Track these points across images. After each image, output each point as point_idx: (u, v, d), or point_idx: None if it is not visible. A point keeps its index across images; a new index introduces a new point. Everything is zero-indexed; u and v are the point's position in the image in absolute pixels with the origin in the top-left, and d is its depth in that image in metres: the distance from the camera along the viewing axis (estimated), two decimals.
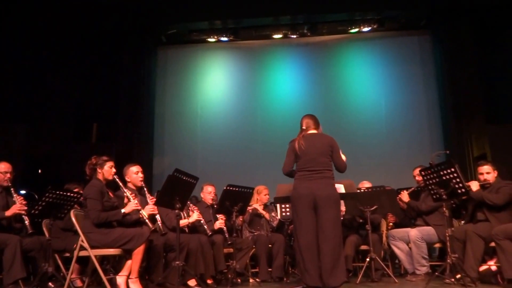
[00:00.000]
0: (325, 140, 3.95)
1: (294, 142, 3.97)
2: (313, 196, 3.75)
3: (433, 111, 8.42)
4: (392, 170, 7.85)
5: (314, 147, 3.88)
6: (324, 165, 3.86)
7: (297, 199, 3.83)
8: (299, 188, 3.85)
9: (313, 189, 3.77)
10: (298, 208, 3.82)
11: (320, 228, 3.74)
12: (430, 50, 8.68)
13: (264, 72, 9.02)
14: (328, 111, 8.46)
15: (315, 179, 3.81)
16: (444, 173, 4.12)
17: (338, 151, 3.97)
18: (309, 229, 3.76)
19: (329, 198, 3.77)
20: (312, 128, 4.04)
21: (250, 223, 5.57)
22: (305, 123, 4.07)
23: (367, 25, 8.49)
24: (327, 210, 3.75)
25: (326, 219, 3.73)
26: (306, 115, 4.13)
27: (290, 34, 8.75)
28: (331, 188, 3.85)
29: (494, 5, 7.86)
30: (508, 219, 4.30)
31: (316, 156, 3.86)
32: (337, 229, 3.79)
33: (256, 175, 7.90)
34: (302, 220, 3.79)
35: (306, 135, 3.97)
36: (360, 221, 5.26)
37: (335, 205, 3.81)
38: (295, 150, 3.93)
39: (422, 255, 4.70)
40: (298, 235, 3.80)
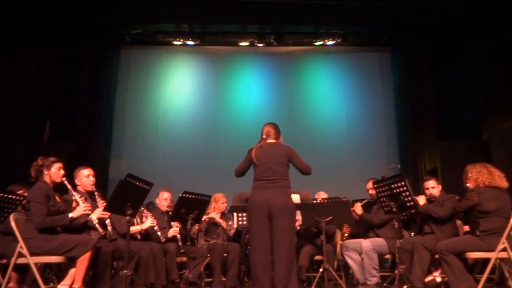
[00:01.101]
0: (282, 150, 3.98)
1: (252, 151, 3.99)
2: (268, 206, 3.76)
3: (390, 125, 8.68)
4: (350, 182, 7.97)
5: (270, 157, 3.90)
6: (280, 175, 3.88)
7: (252, 208, 3.84)
8: (254, 197, 3.86)
9: (268, 198, 3.78)
10: (253, 217, 3.82)
11: (274, 237, 3.75)
12: (390, 67, 8.97)
13: (229, 79, 9.02)
14: (291, 121, 8.56)
15: (271, 188, 3.82)
16: (395, 186, 4.24)
17: (298, 157, 3.99)
18: (263, 239, 3.76)
19: (284, 208, 3.78)
20: (272, 138, 4.06)
21: (207, 231, 5.50)
22: (265, 131, 4.08)
23: (332, 39, 8.67)
24: (282, 219, 3.76)
25: (280, 229, 3.74)
26: (267, 123, 4.16)
27: (256, 42, 8.81)
28: (287, 198, 3.86)
29: (450, 27, 8.21)
30: (451, 231, 4.47)
31: (273, 165, 3.88)
32: (291, 239, 3.80)
33: (217, 183, 7.82)
34: (256, 229, 3.78)
35: (264, 145, 3.99)
36: (315, 231, 5.32)
37: (290, 215, 3.82)
38: (251, 159, 3.95)
39: (373, 265, 4.80)
40: (252, 244, 3.80)
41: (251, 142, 4.18)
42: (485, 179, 4.10)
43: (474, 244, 4.01)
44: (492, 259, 3.95)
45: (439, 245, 4.09)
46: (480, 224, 4.02)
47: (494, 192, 4.04)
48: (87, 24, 7.96)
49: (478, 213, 4.05)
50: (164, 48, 8.94)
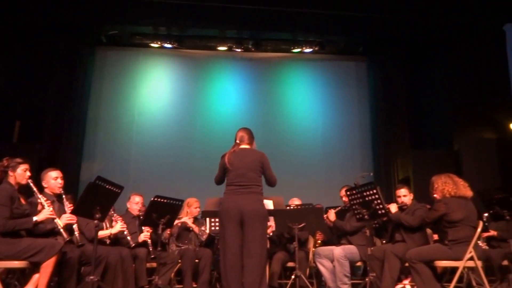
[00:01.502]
0: (256, 156, 3.97)
1: (225, 156, 3.96)
2: (240, 211, 3.74)
3: (365, 133, 8.78)
4: (325, 189, 8.04)
5: (244, 162, 3.89)
6: (253, 180, 3.87)
7: (224, 213, 3.81)
8: (226, 202, 3.84)
9: (240, 204, 3.76)
10: (224, 223, 3.80)
11: (245, 243, 3.73)
12: (365, 76, 9.09)
13: (206, 83, 8.96)
14: (267, 127, 8.56)
15: (243, 194, 3.81)
16: (367, 194, 4.28)
17: (269, 167, 4.00)
18: (235, 244, 3.73)
19: (256, 214, 3.77)
20: (246, 143, 4.05)
21: (178, 236, 5.44)
22: (239, 136, 4.09)
23: (309, 47, 8.73)
24: (253, 226, 3.74)
25: (252, 235, 3.72)
26: (241, 128, 4.16)
27: (235, 47, 8.79)
28: (259, 204, 3.85)
29: (423, 39, 8.38)
30: (422, 240, 4.54)
31: (246, 171, 3.87)
32: (262, 245, 3.79)
33: (191, 187, 7.76)
34: (228, 235, 3.76)
35: (237, 150, 3.98)
36: (288, 238, 5.32)
37: (261, 221, 3.81)
38: (225, 165, 3.92)
39: (344, 273, 4.81)
40: (223, 250, 3.77)
41: (227, 147, 4.16)
42: (451, 189, 4.18)
43: (442, 252, 4.07)
44: (460, 268, 4.02)
45: (408, 253, 4.14)
46: (448, 233, 4.09)
47: (460, 202, 4.12)
48: (62, 22, 7.75)
49: (446, 223, 4.13)
50: (141, 50, 8.82)
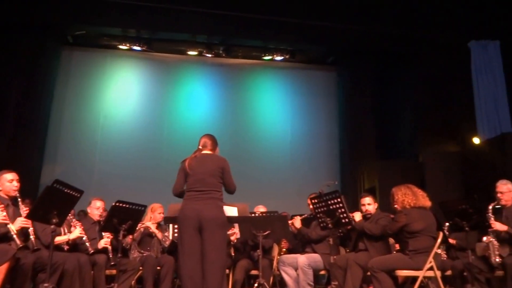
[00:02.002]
0: (217, 161, 3.91)
1: (185, 161, 3.89)
2: (199, 218, 3.66)
3: (333, 143, 8.89)
4: (292, 196, 8.04)
5: (204, 168, 3.83)
6: (212, 186, 3.80)
7: (182, 219, 3.72)
8: (185, 208, 3.75)
9: (199, 210, 3.68)
10: (182, 229, 3.71)
11: (204, 250, 3.64)
12: (334, 86, 9.22)
13: (175, 88, 8.88)
14: (236, 134, 8.54)
15: (202, 200, 3.74)
16: (331, 202, 4.29)
17: (229, 173, 3.93)
18: (193, 251, 3.65)
19: (215, 220, 3.69)
20: (208, 149, 3.99)
21: (141, 242, 5.28)
22: (202, 142, 4.02)
23: (280, 55, 8.80)
24: (212, 232, 3.66)
25: (210, 242, 3.65)
26: (205, 134, 4.10)
27: (205, 52, 8.76)
28: (218, 210, 3.77)
29: (392, 51, 8.60)
30: (384, 249, 4.58)
31: (205, 176, 3.80)
32: (221, 252, 3.71)
33: (157, 193, 7.59)
34: (186, 242, 3.67)
35: (198, 156, 3.92)
36: (252, 245, 5.27)
37: (221, 227, 3.74)
38: (185, 170, 3.85)
39: (308, 281, 4.80)
40: (181, 257, 3.67)
41: None
42: (411, 200, 4.24)
43: (403, 262, 4.11)
44: (420, 277, 4.07)
45: (370, 262, 4.16)
46: (409, 243, 4.15)
47: (420, 212, 4.19)
48: (26, 20, 7.54)
49: (407, 233, 4.18)
50: (109, 52, 8.67)
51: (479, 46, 8.17)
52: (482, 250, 4.63)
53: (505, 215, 4.53)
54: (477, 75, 8.05)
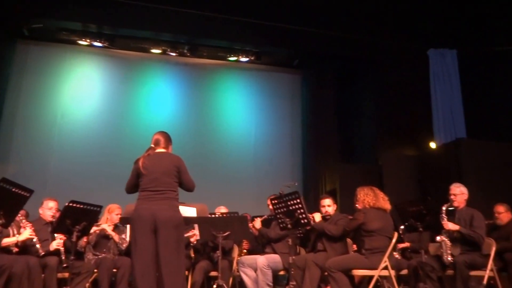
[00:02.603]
0: (171, 160, 3.80)
1: (138, 161, 3.79)
2: (153, 218, 3.56)
3: (296, 145, 8.96)
4: (255, 198, 8.04)
5: (158, 167, 3.71)
6: (167, 186, 3.70)
7: (136, 220, 3.60)
8: (139, 209, 3.63)
9: (153, 211, 3.57)
10: (136, 230, 3.59)
11: (160, 252, 3.54)
12: (299, 89, 9.31)
13: (137, 86, 8.70)
14: (200, 134, 8.47)
15: (157, 200, 3.63)
16: (291, 203, 4.31)
17: (186, 171, 3.83)
18: (147, 253, 3.54)
19: (170, 221, 3.59)
20: (161, 146, 3.87)
21: (96, 244, 5.12)
22: (154, 140, 3.90)
23: (245, 56, 8.77)
24: (168, 233, 3.56)
25: (166, 243, 3.55)
26: (158, 131, 3.98)
27: (169, 51, 8.61)
28: (174, 210, 3.67)
29: (354, 57, 8.75)
30: (342, 249, 4.66)
31: (160, 176, 3.69)
32: (178, 253, 3.61)
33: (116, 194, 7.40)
34: (140, 243, 3.55)
35: (152, 154, 3.81)
36: (212, 246, 5.23)
37: (176, 228, 3.63)
38: (138, 170, 3.75)
39: (267, 282, 4.82)
40: (135, 258, 3.55)
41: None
42: (371, 200, 4.36)
43: (359, 262, 4.19)
44: (375, 277, 4.15)
45: (328, 262, 4.21)
46: (365, 242, 4.24)
47: (378, 213, 4.30)
48: None
49: (364, 232, 4.28)
50: (68, 47, 8.37)
51: (437, 54, 8.46)
52: (435, 250, 4.79)
53: (457, 217, 4.70)
54: (434, 82, 8.33)
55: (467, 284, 4.41)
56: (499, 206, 5.48)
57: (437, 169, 7.22)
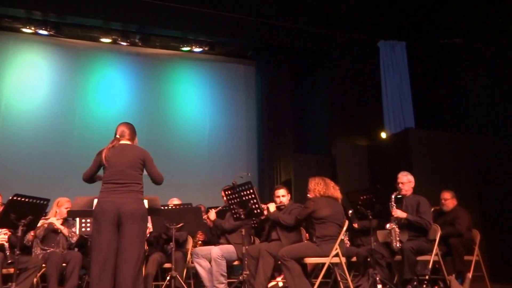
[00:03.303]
0: (137, 152, 3.74)
1: (102, 152, 3.69)
2: (118, 211, 3.49)
3: (251, 136, 8.98)
4: (210, 189, 7.98)
5: (123, 159, 3.64)
6: (132, 178, 3.63)
7: (99, 213, 3.52)
8: (103, 202, 3.55)
9: (118, 204, 3.51)
10: (99, 223, 3.50)
11: (121, 245, 3.48)
12: (253, 80, 9.31)
13: (87, 76, 8.40)
14: (153, 125, 8.31)
15: (122, 193, 3.56)
16: (244, 194, 4.33)
17: (153, 163, 3.78)
18: (110, 247, 3.47)
19: (135, 214, 3.54)
20: (126, 138, 3.80)
21: (45, 239, 4.97)
22: (120, 131, 3.81)
23: (199, 46, 8.67)
24: (132, 226, 3.51)
25: (129, 236, 3.49)
26: (122, 123, 3.89)
27: (120, 40, 8.35)
28: (138, 203, 3.62)
29: (307, 48, 8.85)
30: (296, 238, 4.73)
31: (125, 168, 3.62)
32: (140, 247, 3.57)
33: (66, 187, 7.18)
34: (103, 237, 3.47)
35: (117, 146, 3.72)
36: (165, 238, 5.18)
37: (140, 221, 3.59)
38: (101, 161, 3.65)
39: (221, 272, 4.83)
40: (95, 252, 3.46)
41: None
42: (321, 189, 4.46)
43: (311, 250, 4.28)
44: (326, 264, 4.25)
45: (281, 251, 4.27)
46: (316, 230, 4.33)
47: (328, 201, 4.41)
48: None
49: (314, 220, 4.37)
50: (11, 35, 7.93)
51: (387, 46, 8.70)
52: (384, 237, 4.96)
53: (405, 204, 4.88)
54: (385, 73, 8.57)
55: (414, 269, 4.61)
56: (445, 193, 5.75)
57: (387, 158, 7.44)
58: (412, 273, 4.54)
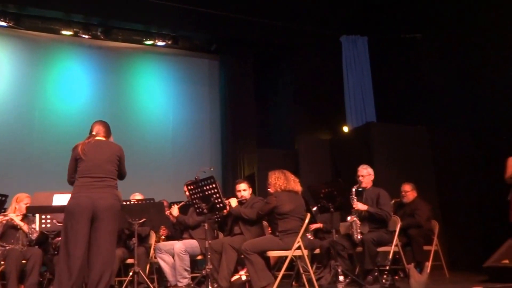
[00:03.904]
0: (114, 149, 3.77)
1: (77, 147, 3.66)
2: (93, 206, 3.47)
3: (215, 130, 8.97)
4: (173, 184, 7.94)
5: (100, 153, 3.65)
6: (108, 173, 3.64)
7: (73, 208, 3.48)
8: (77, 196, 3.52)
9: (93, 199, 3.49)
10: (73, 218, 3.45)
11: (95, 241, 3.47)
12: (217, 74, 9.28)
13: (48, 69, 8.16)
14: (115, 119, 8.08)
15: (97, 188, 3.55)
16: (207, 188, 4.34)
17: (124, 161, 3.84)
18: (83, 242, 3.44)
19: (110, 209, 3.54)
20: (102, 136, 3.81)
21: (3, 235, 4.88)
22: (95, 129, 3.81)
23: (162, 40, 8.56)
24: (107, 222, 3.51)
25: (103, 232, 3.49)
26: (98, 121, 3.90)
27: (81, 33, 8.15)
28: (114, 199, 3.62)
29: (271, 43, 8.91)
30: (259, 232, 4.78)
31: (102, 162, 3.62)
32: (113, 242, 3.59)
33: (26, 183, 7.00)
34: (77, 232, 3.43)
35: (93, 141, 3.70)
36: (128, 234, 5.14)
37: (115, 217, 3.60)
38: (78, 156, 3.61)
39: (184, 267, 4.84)
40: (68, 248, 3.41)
41: (71, 140, 3.88)
42: (282, 183, 4.49)
43: (274, 243, 4.32)
44: (289, 257, 4.32)
45: (244, 245, 4.30)
46: (279, 225, 4.38)
47: (289, 195, 4.45)
48: None
49: (277, 215, 4.41)
50: None
51: (349, 41, 8.86)
52: (346, 229, 5.07)
53: (365, 196, 5.00)
54: (347, 68, 8.73)
55: (374, 259, 4.73)
56: (405, 185, 5.94)
57: (349, 151, 7.57)
58: (372, 263, 4.66)
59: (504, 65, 6.60)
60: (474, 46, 7.11)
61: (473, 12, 7.15)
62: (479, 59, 7.03)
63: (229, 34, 8.60)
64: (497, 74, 6.72)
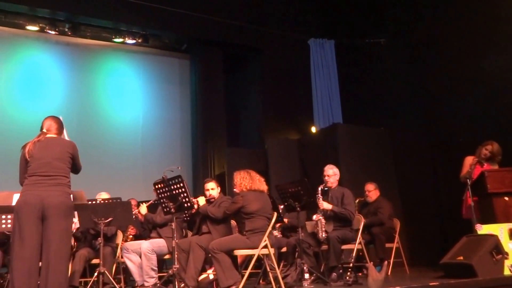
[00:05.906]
0: (66, 145, 3.67)
1: (25, 146, 3.56)
2: (42, 205, 3.38)
3: (185, 130, 8.95)
4: (143, 184, 7.91)
5: (50, 151, 3.55)
6: (59, 171, 3.54)
7: (22, 206, 3.39)
8: (26, 195, 3.43)
9: (43, 197, 3.40)
10: (22, 218, 3.36)
11: (46, 241, 3.38)
12: (188, 74, 9.25)
13: (12, 66, 7.91)
14: (84, 117, 8.04)
15: (48, 186, 3.46)
16: (174, 187, 4.36)
17: (78, 157, 3.75)
18: (34, 243, 3.36)
19: (61, 207, 3.44)
20: (54, 132, 3.70)
21: None
22: (46, 125, 3.70)
23: (132, 38, 8.46)
24: (57, 221, 3.41)
25: (54, 231, 3.40)
26: (49, 116, 3.78)
27: (48, 29, 7.95)
28: (65, 197, 3.53)
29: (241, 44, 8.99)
30: (226, 231, 4.82)
31: (52, 160, 3.52)
32: (66, 242, 3.51)
33: None
34: (26, 232, 3.35)
35: (42, 140, 3.60)
36: (93, 234, 5.09)
37: (67, 215, 3.50)
38: (25, 156, 3.53)
39: (151, 266, 4.85)
40: (18, 249, 3.33)
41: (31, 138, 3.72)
42: (247, 183, 4.55)
43: (241, 242, 4.38)
44: (255, 255, 4.39)
45: (211, 244, 4.34)
46: (246, 224, 4.44)
47: (255, 195, 4.51)
48: None
49: (244, 215, 4.47)
50: None
51: (317, 44, 9.04)
52: (312, 227, 5.19)
53: (331, 196, 5.14)
54: (314, 70, 8.90)
55: (339, 257, 4.87)
56: (368, 185, 6.13)
57: (317, 152, 7.72)
58: (337, 261, 4.79)
59: (461, 71, 6.90)
60: (434, 52, 7.39)
61: (435, 19, 7.42)
62: (438, 65, 7.31)
63: (199, 34, 8.61)
64: (455, 81, 7.02)
